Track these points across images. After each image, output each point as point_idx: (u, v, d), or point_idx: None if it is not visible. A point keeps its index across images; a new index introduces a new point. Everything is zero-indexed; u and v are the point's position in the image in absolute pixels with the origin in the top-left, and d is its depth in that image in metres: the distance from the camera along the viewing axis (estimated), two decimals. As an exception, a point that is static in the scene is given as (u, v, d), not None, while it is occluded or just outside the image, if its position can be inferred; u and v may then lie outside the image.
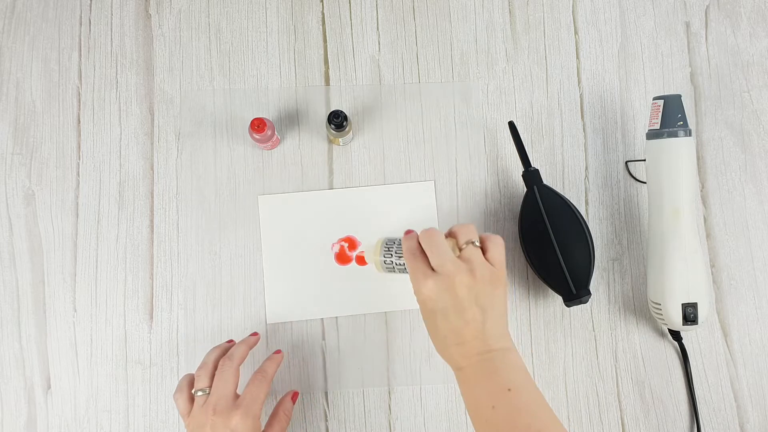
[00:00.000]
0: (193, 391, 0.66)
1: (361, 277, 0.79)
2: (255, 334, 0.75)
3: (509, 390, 0.55)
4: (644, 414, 0.79)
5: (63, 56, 0.82)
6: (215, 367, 0.66)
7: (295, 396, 0.73)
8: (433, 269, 0.59)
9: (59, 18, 0.83)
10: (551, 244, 0.73)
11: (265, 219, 0.80)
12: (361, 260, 0.79)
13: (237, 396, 0.64)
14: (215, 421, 0.60)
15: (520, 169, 0.80)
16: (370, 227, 0.80)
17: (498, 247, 0.61)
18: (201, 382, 0.66)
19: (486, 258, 0.60)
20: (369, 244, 0.73)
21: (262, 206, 0.80)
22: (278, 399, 0.72)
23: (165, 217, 0.80)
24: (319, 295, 0.79)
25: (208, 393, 0.64)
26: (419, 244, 0.61)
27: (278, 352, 0.73)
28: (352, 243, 0.80)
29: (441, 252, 0.58)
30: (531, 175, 0.78)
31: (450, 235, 0.63)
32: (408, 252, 0.61)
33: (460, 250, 0.60)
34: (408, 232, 0.64)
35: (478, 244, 0.60)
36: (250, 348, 0.71)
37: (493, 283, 0.58)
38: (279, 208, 0.80)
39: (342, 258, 0.79)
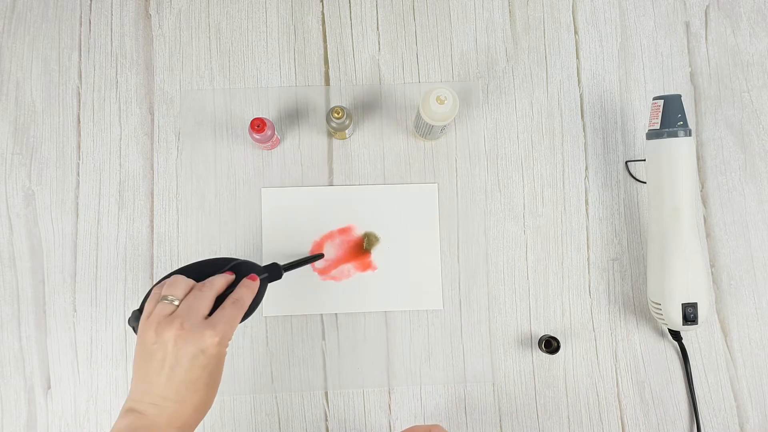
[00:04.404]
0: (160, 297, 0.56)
1: (360, 276, 0.79)
2: (230, 272, 0.62)
3: None
4: (644, 414, 0.79)
5: (63, 56, 0.82)
6: (190, 288, 0.57)
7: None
8: None
9: (59, 18, 0.83)
10: None
11: (268, 212, 0.80)
12: (360, 253, 0.80)
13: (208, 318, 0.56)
14: (181, 335, 0.52)
15: (520, 169, 0.80)
16: (371, 224, 0.80)
17: None
18: (174, 290, 0.56)
19: None
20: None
21: (264, 199, 0.80)
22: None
23: (165, 217, 0.80)
24: (318, 291, 0.79)
25: (177, 306, 0.55)
26: None
27: (253, 278, 0.62)
28: (345, 232, 0.80)
29: None
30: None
31: None
32: None
33: None
34: None
35: None
36: (228, 283, 0.60)
37: None
38: (282, 202, 0.80)
39: (325, 270, 0.79)
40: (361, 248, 0.80)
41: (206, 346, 0.53)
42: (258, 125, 0.73)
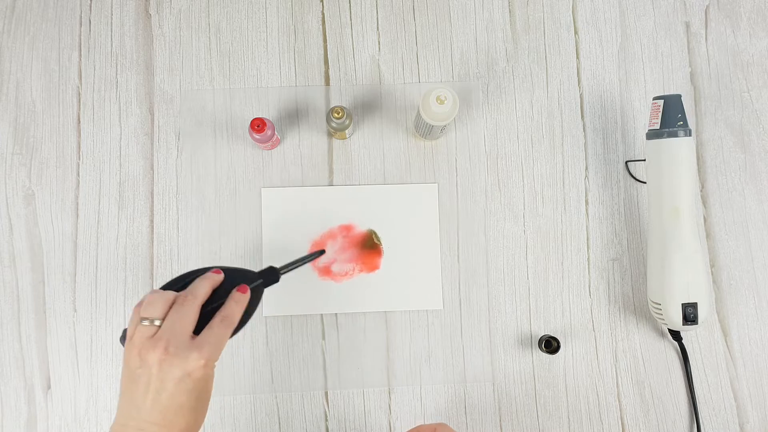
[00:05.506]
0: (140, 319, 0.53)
1: (360, 276, 0.79)
2: (217, 271, 0.59)
3: None
4: (644, 414, 0.79)
5: (63, 56, 0.82)
6: (172, 303, 0.54)
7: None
8: None
9: (59, 18, 0.83)
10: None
11: (268, 212, 0.80)
12: (370, 258, 0.80)
13: (193, 337, 0.53)
14: (166, 359, 0.50)
15: (520, 169, 0.80)
16: (371, 224, 0.80)
17: None
18: (152, 311, 0.53)
19: None
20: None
21: (264, 199, 0.80)
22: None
23: (165, 217, 0.80)
24: (318, 291, 0.79)
25: (159, 326, 0.52)
26: None
27: (242, 289, 0.58)
28: (347, 229, 0.80)
29: None
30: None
31: None
32: None
33: None
34: None
35: None
36: (213, 286, 0.57)
37: None
38: (282, 202, 0.80)
39: (324, 270, 0.79)
40: (371, 244, 0.79)
41: (192, 369, 0.51)
42: (258, 125, 0.73)
